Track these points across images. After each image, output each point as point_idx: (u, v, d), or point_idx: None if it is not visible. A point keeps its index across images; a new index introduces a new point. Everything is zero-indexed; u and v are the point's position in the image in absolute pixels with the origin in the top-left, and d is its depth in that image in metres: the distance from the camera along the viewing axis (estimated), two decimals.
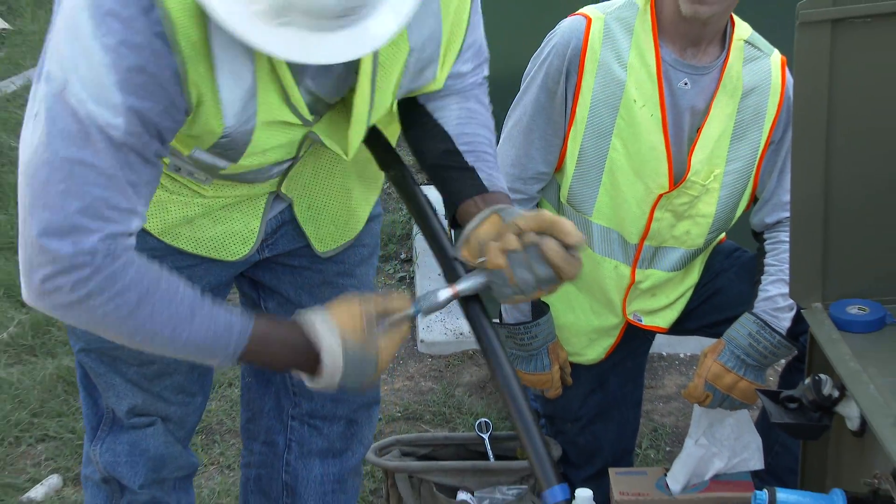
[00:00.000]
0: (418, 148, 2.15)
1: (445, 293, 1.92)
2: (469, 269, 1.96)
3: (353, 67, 1.93)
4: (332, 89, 1.96)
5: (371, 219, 2.36)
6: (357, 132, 2.03)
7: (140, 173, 1.69)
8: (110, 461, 2.26)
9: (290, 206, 2.20)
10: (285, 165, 2.08)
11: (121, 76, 1.61)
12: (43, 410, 3.53)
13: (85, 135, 1.62)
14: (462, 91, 2.18)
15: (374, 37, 1.74)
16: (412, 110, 2.15)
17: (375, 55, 1.94)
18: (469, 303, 1.96)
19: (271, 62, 1.80)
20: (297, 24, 1.66)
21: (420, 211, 2.08)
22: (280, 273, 2.30)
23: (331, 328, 1.83)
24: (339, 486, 2.49)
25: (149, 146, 1.69)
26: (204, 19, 1.66)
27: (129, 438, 2.25)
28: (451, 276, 1.99)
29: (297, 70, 1.85)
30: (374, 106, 2.01)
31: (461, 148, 2.10)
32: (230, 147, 1.91)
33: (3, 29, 7.81)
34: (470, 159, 2.09)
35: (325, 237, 2.26)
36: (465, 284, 1.93)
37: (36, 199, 1.64)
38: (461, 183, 2.07)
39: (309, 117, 1.94)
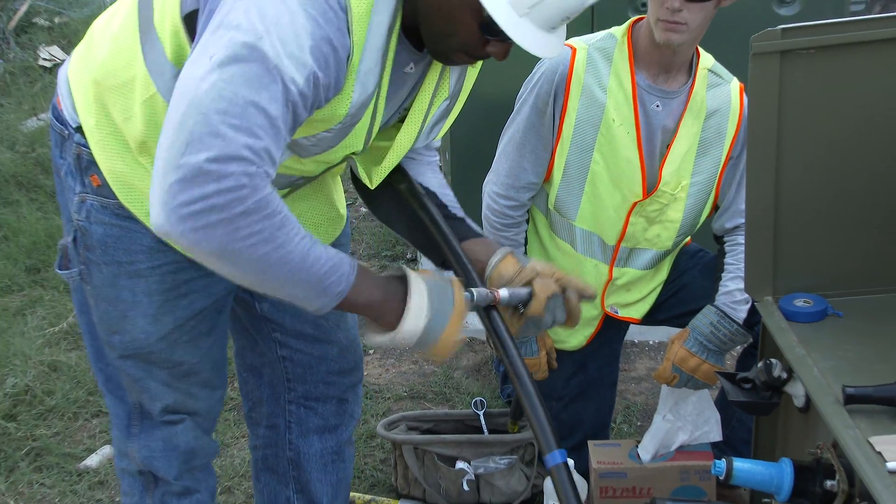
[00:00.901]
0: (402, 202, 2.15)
1: (488, 294, 1.93)
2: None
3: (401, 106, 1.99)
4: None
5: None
6: (393, 162, 2.07)
7: (288, 136, 1.67)
8: (147, 456, 2.21)
9: None
10: (304, 178, 2.08)
11: (314, 42, 1.63)
12: (97, 390, 3.51)
13: (268, 81, 1.59)
14: (430, 164, 2.22)
15: (562, 41, 1.87)
16: (394, 175, 2.14)
17: (434, 93, 1.99)
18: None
19: (381, 90, 1.85)
20: (534, 19, 1.76)
21: (431, 218, 2.09)
22: None
23: (419, 276, 1.83)
24: (337, 456, 2.48)
25: (302, 116, 1.68)
26: (368, 20, 1.71)
27: (163, 435, 2.20)
28: (465, 273, 1.98)
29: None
30: (417, 139, 2.04)
31: (446, 203, 2.14)
32: (320, 143, 1.90)
33: (63, 61, 7.80)
34: (456, 213, 2.13)
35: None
36: (506, 297, 1.94)
37: (209, 128, 1.57)
38: (457, 228, 2.09)
39: (366, 147, 1.98)
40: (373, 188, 2.11)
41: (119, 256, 1.98)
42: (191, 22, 1.80)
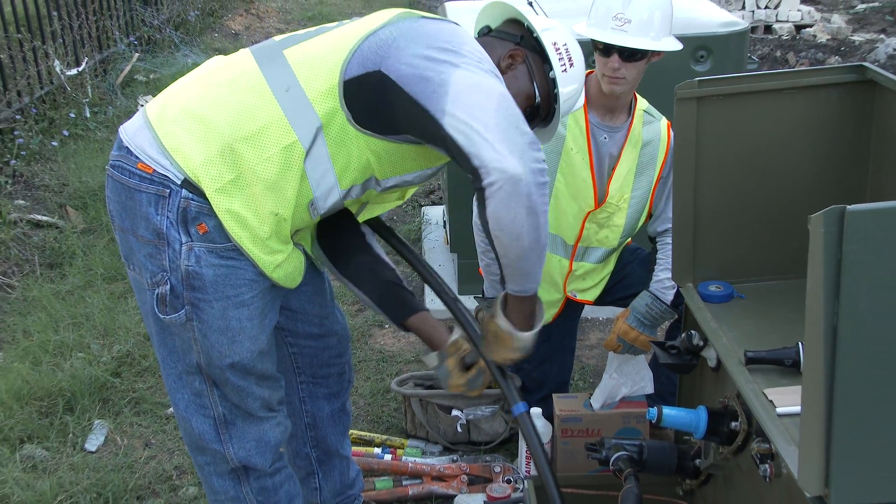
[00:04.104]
0: (373, 269, 2.12)
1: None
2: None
3: None
4: None
5: None
6: (389, 207, 2.17)
7: None
8: (244, 456, 2.05)
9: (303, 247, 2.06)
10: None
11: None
12: None
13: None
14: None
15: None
16: (361, 246, 2.12)
17: None
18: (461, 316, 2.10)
19: None
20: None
21: (402, 243, 2.14)
22: (288, 293, 2.09)
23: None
24: (342, 412, 2.44)
25: None
26: None
27: (254, 435, 2.04)
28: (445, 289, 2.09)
29: None
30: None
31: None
32: (414, 179, 1.96)
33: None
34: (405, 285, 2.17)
35: (316, 256, 2.16)
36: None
37: (518, 121, 1.69)
38: (414, 299, 2.13)
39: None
40: (360, 220, 2.12)
41: (228, 291, 1.85)
42: (350, 87, 1.79)
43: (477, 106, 1.67)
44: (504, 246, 1.71)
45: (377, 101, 1.79)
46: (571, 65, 1.99)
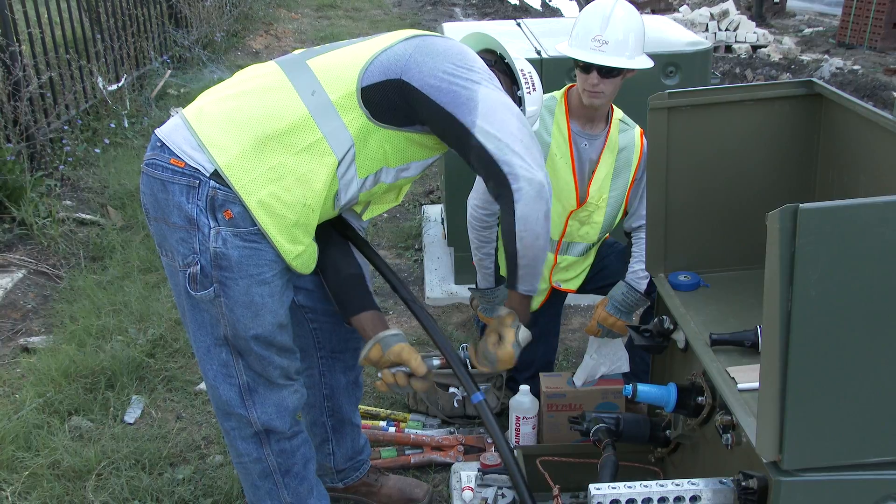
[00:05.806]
0: (336, 264, 2.06)
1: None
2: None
3: None
4: None
5: None
6: (390, 205, 2.13)
7: None
8: (265, 420, 2.04)
9: None
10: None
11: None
12: None
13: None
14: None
15: None
16: (335, 241, 2.07)
17: None
18: (425, 320, 2.13)
19: None
20: None
21: (374, 254, 2.12)
22: (304, 276, 2.07)
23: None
24: (355, 384, 2.44)
25: None
26: None
27: (274, 401, 2.03)
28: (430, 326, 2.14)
29: None
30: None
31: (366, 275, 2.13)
32: (417, 168, 1.97)
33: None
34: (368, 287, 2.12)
35: None
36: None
37: (533, 137, 1.80)
38: (363, 300, 2.06)
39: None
40: (364, 218, 2.10)
41: (251, 270, 1.85)
42: (367, 91, 1.83)
43: (505, 122, 1.77)
44: (526, 246, 1.79)
45: (396, 101, 1.84)
46: (534, 89, 2.11)
